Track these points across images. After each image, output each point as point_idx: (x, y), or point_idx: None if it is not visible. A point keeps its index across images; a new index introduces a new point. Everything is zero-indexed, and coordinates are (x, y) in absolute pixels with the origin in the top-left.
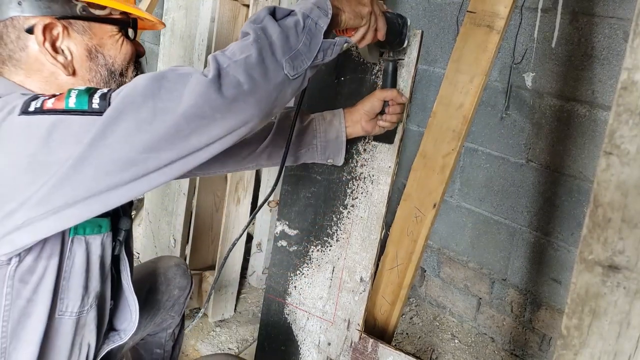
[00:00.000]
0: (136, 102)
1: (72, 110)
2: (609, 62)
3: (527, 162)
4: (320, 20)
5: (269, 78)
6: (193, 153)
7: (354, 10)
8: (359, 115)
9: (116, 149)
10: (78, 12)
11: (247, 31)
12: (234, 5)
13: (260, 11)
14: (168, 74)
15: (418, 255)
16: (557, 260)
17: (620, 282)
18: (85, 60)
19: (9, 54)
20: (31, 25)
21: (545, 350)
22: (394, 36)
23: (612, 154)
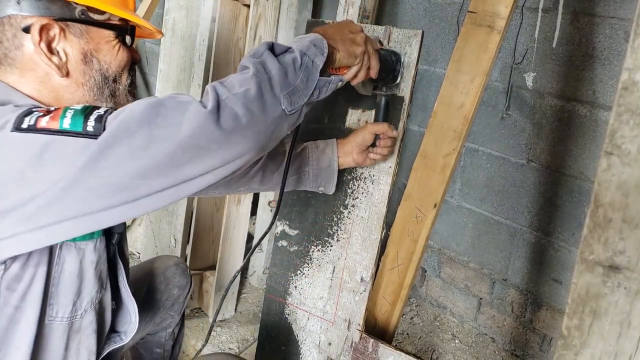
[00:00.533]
0: (131, 129)
1: (66, 131)
2: (609, 62)
3: (527, 162)
4: (316, 59)
5: (267, 112)
6: (186, 182)
7: (347, 49)
8: (351, 147)
9: (109, 174)
10: (77, 15)
11: (247, 65)
12: (234, 6)
13: (259, 46)
14: (166, 101)
15: (418, 255)
16: (558, 261)
17: (621, 283)
18: (80, 63)
19: (4, 52)
20: (28, 24)
21: (546, 350)
22: (387, 73)
23: (613, 154)
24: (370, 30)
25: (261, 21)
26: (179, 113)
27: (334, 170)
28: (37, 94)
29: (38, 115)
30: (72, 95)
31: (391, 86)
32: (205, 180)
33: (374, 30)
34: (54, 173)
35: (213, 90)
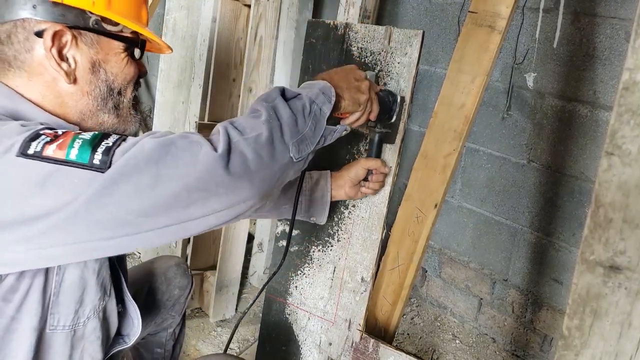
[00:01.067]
0: (139, 166)
1: (72, 162)
2: (610, 63)
3: (528, 162)
4: (324, 107)
5: (275, 159)
6: (189, 222)
7: (353, 97)
8: (343, 181)
9: (112, 209)
10: (91, 24)
11: (259, 108)
12: (235, 6)
13: (271, 91)
14: (177, 141)
15: (419, 255)
16: (559, 261)
17: (621, 283)
18: (87, 72)
19: (14, 54)
20: (42, 29)
21: (547, 350)
22: (384, 114)
23: (613, 154)
24: (371, 31)
25: (262, 21)
26: (189, 154)
27: (327, 202)
28: (42, 98)
29: (45, 141)
30: (76, 103)
31: (385, 124)
32: (207, 222)
33: (372, 64)
34: (56, 202)
35: (225, 132)
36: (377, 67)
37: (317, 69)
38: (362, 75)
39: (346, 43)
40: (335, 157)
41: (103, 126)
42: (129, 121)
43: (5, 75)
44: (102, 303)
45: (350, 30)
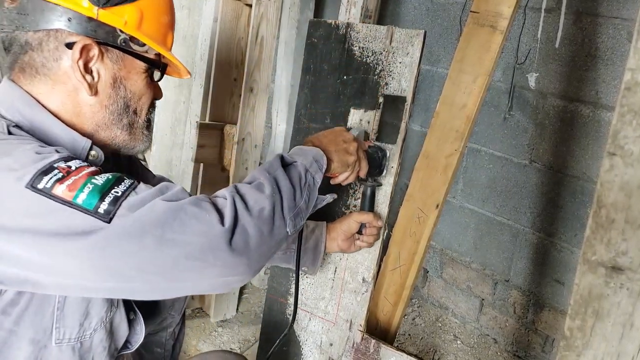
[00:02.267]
0: (146, 229)
1: (77, 206)
2: (612, 63)
3: (530, 162)
4: (317, 176)
5: (273, 234)
6: (181, 286)
7: (341, 159)
8: (336, 233)
9: (109, 259)
10: (119, 42)
11: (262, 180)
12: (236, 5)
13: (273, 160)
14: (187, 207)
15: (420, 256)
16: (560, 262)
17: (623, 284)
18: (109, 86)
19: (43, 61)
20: (72, 41)
21: (548, 351)
22: (374, 169)
23: (615, 154)
24: (372, 30)
25: (263, 21)
26: (196, 222)
27: (321, 252)
28: (61, 107)
29: (57, 178)
30: (93, 115)
31: (376, 177)
32: (199, 289)
33: (360, 122)
34: (56, 238)
35: (232, 202)
36: (379, 67)
37: (319, 69)
38: (350, 137)
39: (348, 43)
40: None
41: (114, 140)
42: (139, 140)
43: (30, 81)
44: (109, 314)
45: (351, 30)
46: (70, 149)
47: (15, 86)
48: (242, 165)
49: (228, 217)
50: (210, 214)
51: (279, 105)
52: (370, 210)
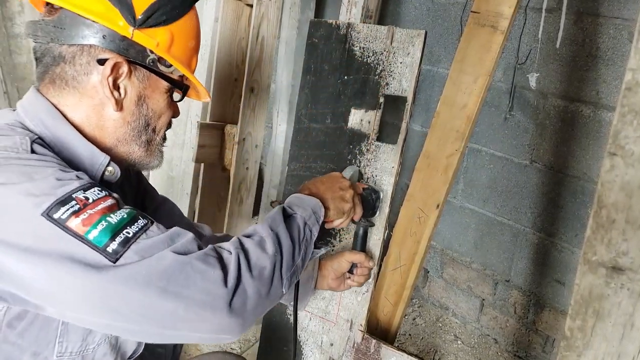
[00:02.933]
0: (152, 280)
1: (88, 241)
2: (613, 63)
3: (531, 162)
4: (314, 228)
5: (270, 295)
6: (173, 333)
7: (338, 207)
8: (327, 271)
9: (110, 299)
10: (147, 62)
11: (264, 236)
12: (237, 5)
13: (275, 215)
14: (195, 263)
15: (421, 256)
16: (561, 262)
17: (624, 284)
18: (133, 103)
19: (74, 74)
20: (104, 58)
21: (549, 352)
22: (367, 211)
23: (616, 154)
24: (373, 30)
25: (264, 21)
26: (201, 279)
27: (311, 288)
28: (85, 120)
29: (73, 210)
30: (115, 130)
31: (369, 218)
32: (190, 339)
33: (356, 163)
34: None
35: (236, 262)
36: (379, 67)
37: (319, 69)
38: (347, 184)
39: (348, 43)
40: (337, 156)
41: (131, 156)
42: (154, 156)
43: (59, 92)
44: None
45: (352, 30)
46: (88, 163)
47: (42, 97)
48: (243, 165)
49: (231, 277)
50: (215, 270)
51: (279, 106)
52: (362, 250)
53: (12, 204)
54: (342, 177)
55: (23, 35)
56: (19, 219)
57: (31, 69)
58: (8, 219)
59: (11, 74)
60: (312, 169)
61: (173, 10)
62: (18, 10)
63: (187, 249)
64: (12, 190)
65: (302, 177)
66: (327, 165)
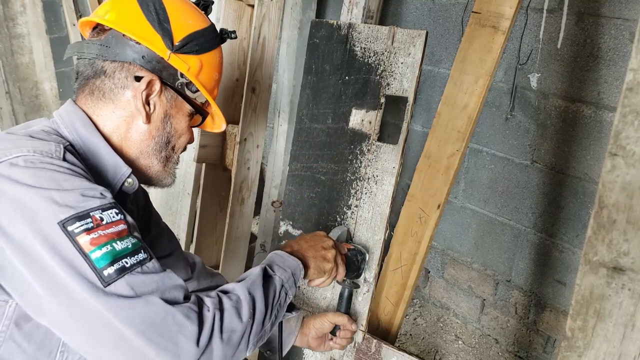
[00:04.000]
0: (135, 319)
1: (89, 260)
2: (614, 63)
3: (532, 163)
4: (290, 291)
5: (234, 357)
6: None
7: (318, 266)
8: (309, 330)
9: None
10: (177, 85)
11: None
12: (238, 6)
13: (256, 277)
14: (177, 316)
15: (422, 256)
16: (562, 262)
17: (625, 284)
18: (159, 119)
19: (112, 87)
20: (141, 76)
21: (550, 352)
22: (352, 273)
23: (617, 155)
24: (374, 31)
25: (265, 21)
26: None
27: (290, 343)
28: (114, 129)
29: (86, 228)
30: (140, 141)
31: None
32: None
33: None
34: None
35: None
36: (380, 67)
37: (320, 69)
38: (330, 244)
39: (349, 43)
40: (338, 156)
41: (149, 169)
42: (169, 174)
43: (95, 103)
44: None
45: (353, 30)
46: (111, 172)
47: (79, 108)
48: (244, 165)
49: (204, 337)
50: (193, 326)
51: (280, 106)
52: (347, 311)
53: (35, 206)
54: (326, 236)
55: (25, 36)
56: (35, 220)
57: (33, 69)
58: (23, 218)
59: (13, 74)
60: (313, 169)
61: (205, 43)
62: (20, 11)
63: (175, 297)
64: (38, 193)
65: (303, 177)
66: (328, 165)
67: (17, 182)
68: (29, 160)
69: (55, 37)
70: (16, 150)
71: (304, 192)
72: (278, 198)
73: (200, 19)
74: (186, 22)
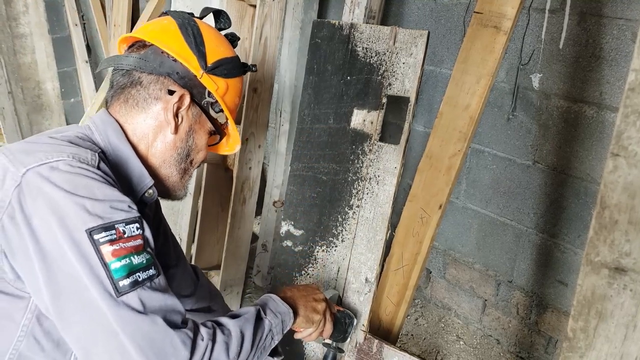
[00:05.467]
0: (137, 334)
1: (108, 268)
2: (617, 64)
3: (533, 163)
4: (276, 337)
5: None
6: None
7: (307, 315)
8: None
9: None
10: (203, 103)
11: (232, 335)
12: (240, 6)
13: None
14: (174, 339)
15: (423, 256)
16: (564, 262)
17: (627, 285)
18: (184, 132)
19: (145, 97)
20: (173, 89)
21: (551, 352)
22: (338, 334)
23: (619, 155)
24: (376, 31)
25: (267, 21)
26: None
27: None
28: (142, 137)
29: (110, 239)
30: (165, 150)
31: (340, 344)
32: None
33: None
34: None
35: (202, 352)
36: (382, 67)
37: (322, 69)
38: (321, 297)
39: (351, 43)
40: (339, 156)
41: (169, 179)
42: (183, 187)
43: (128, 111)
44: None
45: (355, 30)
46: (136, 181)
47: (112, 118)
48: (246, 165)
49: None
50: (186, 352)
51: (282, 106)
52: None
53: (69, 211)
54: (318, 289)
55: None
56: (67, 224)
57: (35, 69)
58: (56, 220)
59: (15, 73)
60: (314, 169)
61: (233, 69)
62: (23, 10)
63: (175, 321)
64: (73, 199)
65: (304, 177)
66: (330, 165)
67: (55, 185)
68: (68, 164)
69: (58, 37)
70: (57, 155)
71: (306, 192)
72: (279, 198)
73: (229, 48)
74: (218, 49)
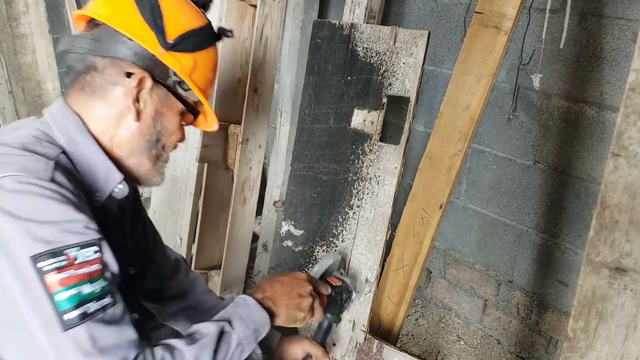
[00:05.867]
0: None
1: (52, 301)
2: (617, 64)
3: (534, 163)
4: (248, 348)
5: None
6: None
7: (289, 315)
8: (280, 355)
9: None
10: (169, 82)
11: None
12: (241, 6)
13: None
14: None
15: (424, 256)
16: (564, 263)
17: (627, 285)
18: (150, 117)
19: (102, 83)
20: (132, 72)
21: (552, 353)
22: (333, 310)
23: (619, 155)
24: (376, 31)
25: (267, 21)
26: None
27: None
28: (104, 128)
29: (57, 266)
30: (130, 139)
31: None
32: None
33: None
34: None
35: None
36: (382, 67)
37: (323, 69)
38: (307, 291)
39: (352, 43)
40: (340, 156)
41: (139, 168)
42: (158, 173)
43: (86, 101)
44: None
45: (355, 30)
46: (103, 179)
47: (71, 111)
48: (246, 165)
49: None
50: None
51: (283, 106)
52: (323, 342)
53: (12, 237)
54: (305, 280)
55: (28, 35)
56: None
57: (36, 69)
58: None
59: (16, 73)
60: (314, 169)
61: (200, 42)
62: (23, 10)
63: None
64: (16, 224)
65: (305, 177)
66: (330, 165)
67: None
68: (15, 181)
69: (58, 37)
70: (3, 170)
71: (306, 192)
72: (280, 198)
73: (196, 16)
74: (181, 20)
